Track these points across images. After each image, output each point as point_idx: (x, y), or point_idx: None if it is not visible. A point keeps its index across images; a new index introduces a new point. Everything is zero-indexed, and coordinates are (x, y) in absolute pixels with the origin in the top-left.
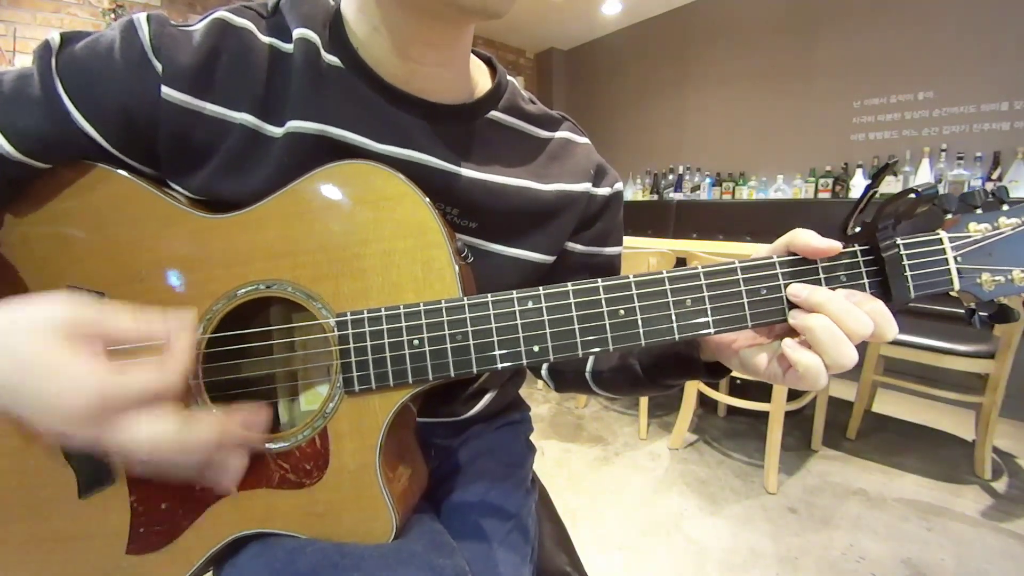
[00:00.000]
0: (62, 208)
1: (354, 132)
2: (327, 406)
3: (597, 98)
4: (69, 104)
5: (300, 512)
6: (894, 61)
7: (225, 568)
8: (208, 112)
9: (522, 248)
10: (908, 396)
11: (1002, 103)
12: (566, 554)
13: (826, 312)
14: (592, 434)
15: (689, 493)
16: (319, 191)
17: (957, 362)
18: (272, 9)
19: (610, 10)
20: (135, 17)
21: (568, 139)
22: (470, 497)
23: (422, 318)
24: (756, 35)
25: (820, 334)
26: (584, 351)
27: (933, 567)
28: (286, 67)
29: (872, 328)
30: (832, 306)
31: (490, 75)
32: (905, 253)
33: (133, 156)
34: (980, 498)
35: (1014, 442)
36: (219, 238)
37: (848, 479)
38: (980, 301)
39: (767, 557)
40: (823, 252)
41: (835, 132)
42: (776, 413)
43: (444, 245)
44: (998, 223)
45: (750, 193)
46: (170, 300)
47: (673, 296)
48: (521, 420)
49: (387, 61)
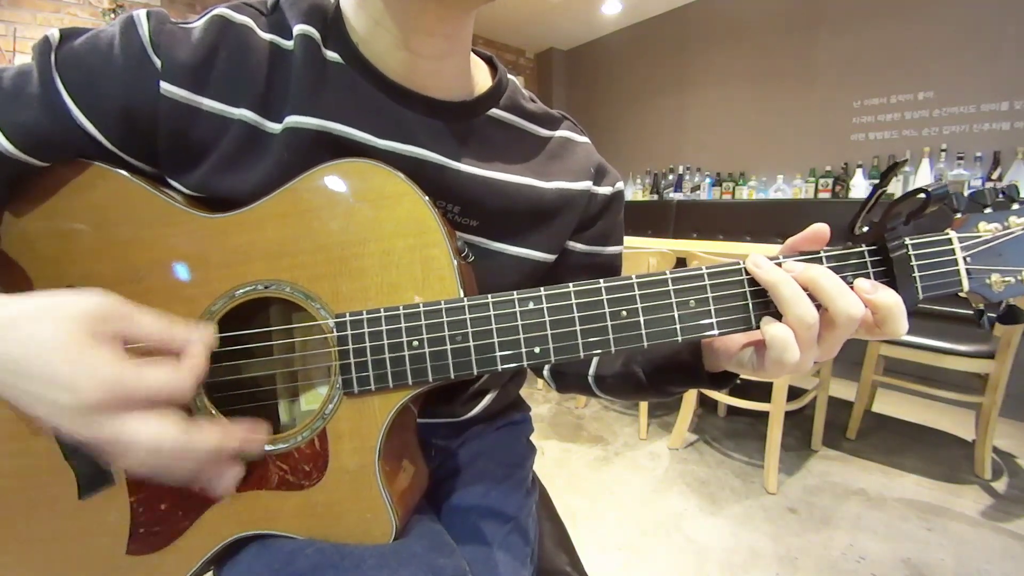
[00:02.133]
0: (60, 207)
1: (355, 128)
2: (326, 407)
3: (597, 98)
4: (68, 100)
5: (300, 513)
6: (894, 61)
7: (225, 569)
8: (207, 108)
9: (523, 247)
10: (908, 396)
11: (1002, 103)
12: (566, 554)
13: (802, 279)
14: (592, 434)
15: (689, 493)
16: (318, 190)
17: (957, 362)
18: (272, 6)
19: (610, 10)
20: (135, 14)
21: (568, 138)
22: (470, 498)
23: (422, 319)
24: (756, 35)
25: (784, 290)
26: (586, 352)
27: (933, 567)
28: (286, 63)
29: (852, 300)
30: (811, 272)
31: (491, 74)
32: (914, 253)
33: (132, 153)
34: (980, 498)
35: (1014, 442)
36: (218, 238)
37: (848, 479)
38: (989, 302)
39: (767, 557)
40: (814, 236)
41: (835, 132)
42: (776, 413)
43: (444, 244)
44: (1008, 223)
45: (750, 193)
46: (169, 300)
47: (676, 297)
48: (522, 421)
49: (388, 56)
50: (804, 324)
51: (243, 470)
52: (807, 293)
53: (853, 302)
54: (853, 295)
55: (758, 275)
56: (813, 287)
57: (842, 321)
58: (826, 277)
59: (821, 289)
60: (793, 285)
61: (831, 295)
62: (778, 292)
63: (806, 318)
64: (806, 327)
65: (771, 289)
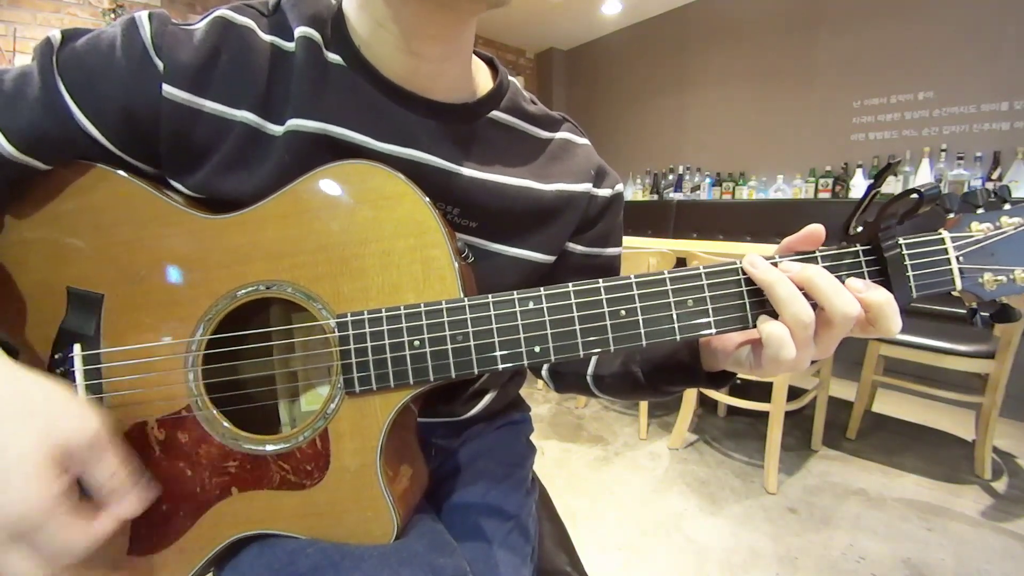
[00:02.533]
0: (62, 209)
1: (355, 131)
2: (328, 407)
3: (597, 98)
4: (70, 101)
5: (301, 513)
6: (894, 61)
7: (226, 569)
8: (208, 110)
9: (523, 248)
10: (908, 396)
11: (1002, 103)
12: (566, 554)
13: (798, 280)
14: (592, 434)
15: (689, 493)
16: (318, 191)
17: (957, 362)
18: (273, 8)
19: (610, 10)
20: (136, 15)
21: (568, 140)
22: (470, 497)
23: (423, 319)
24: (756, 35)
25: (780, 290)
26: (585, 352)
27: (933, 567)
28: (287, 65)
29: (847, 299)
30: (807, 272)
31: (491, 75)
32: (907, 253)
33: (134, 155)
34: (980, 498)
35: (1014, 442)
36: (219, 238)
37: (848, 479)
38: (982, 301)
39: (767, 557)
40: (809, 236)
41: (835, 132)
42: (776, 413)
43: (444, 245)
44: (1000, 222)
45: (750, 193)
46: (169, 300)
47: (674, 296)
48: (521, 420)
49: (389, 58)
50: (800, 323)
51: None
52: (803, 293)
53: (849, 301)
54: (849, 294)
55: (754, 275)
56: (809, 286)
57: (838, 320)
58: (821, 276)
59: (817, 288)
60: (788, 285)
61: (827, 294)
62: (774, 292)
63: (802, 317)
64: (802, 326)
65: (767, 289)
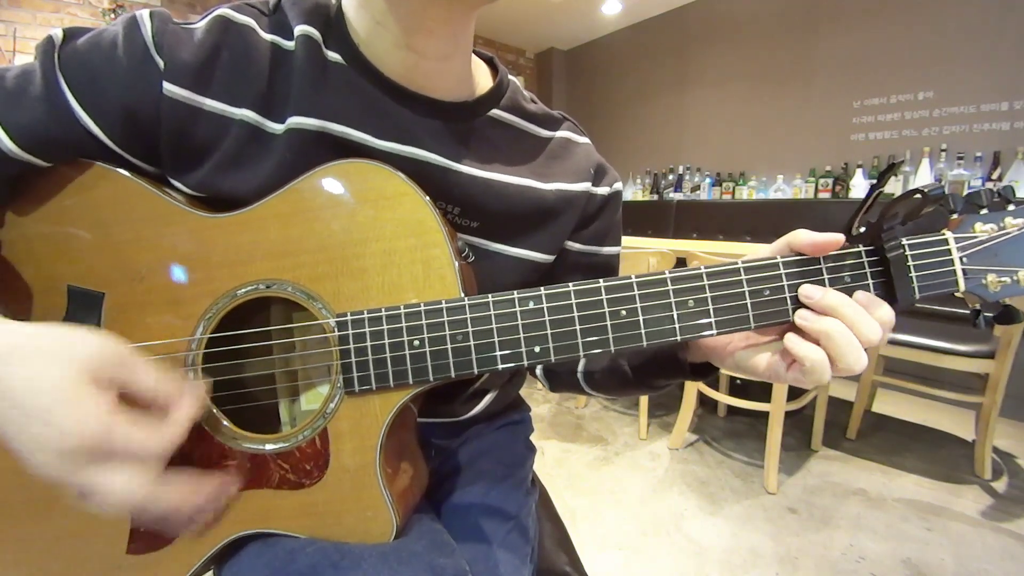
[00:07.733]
0: (62, 207)
1: (355, 129)
2: (327, 406)
3: (597, 98)
4: (72, 99)
5: (300, 512)
6: (894, 61)
7: (225, 568)
8: (209, 108)
9: (523, 248)
10: (908, 396)
11: (1002, 103)
12: (566, 554)
13: (840, 316)
14: (592, 434)
15: (689, 493)
16: (319, 190)
17: (957, 362)
18: (273, 7)
19: (610, 10)
20: (138, 14)
21: (568, 139)
22: (470, 497)
23: (423, 318)
24: (756, 35)
25: (838, 339)
26: (586, 352)
27: (933, 567)
28: (287, 64)
29: (881, 335)
30: (847, 310)
31: (491, 75)
32: (910, 254)
33: (134, 153)
34: (980, 498)
35: (1014, 442)
36: (219, 237)
37: (848, 479)
38: (985, 302)
39: (767, 557)
40: (826, 245)
41: (835, 132)
42: (776, 413)
43: (444, 244)
44: (1004, 223)
45: (750, 193)
46: (170, 299)
47: (675, 297)
48: (521, 420)
49: (389, 56)
50: (852, 372)
51: (202, 520)
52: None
53: (875, 330)
54: (873, 322)
55: (808, 326)
56: (839, 316)
57: (864, 347)
58: (847, 307)
59: (845, 320)
60: (848, 333)
61: (856, 325)
62: (832, 341)
63: (855, 368)
64: (853, 373)
65: (823, 336)
